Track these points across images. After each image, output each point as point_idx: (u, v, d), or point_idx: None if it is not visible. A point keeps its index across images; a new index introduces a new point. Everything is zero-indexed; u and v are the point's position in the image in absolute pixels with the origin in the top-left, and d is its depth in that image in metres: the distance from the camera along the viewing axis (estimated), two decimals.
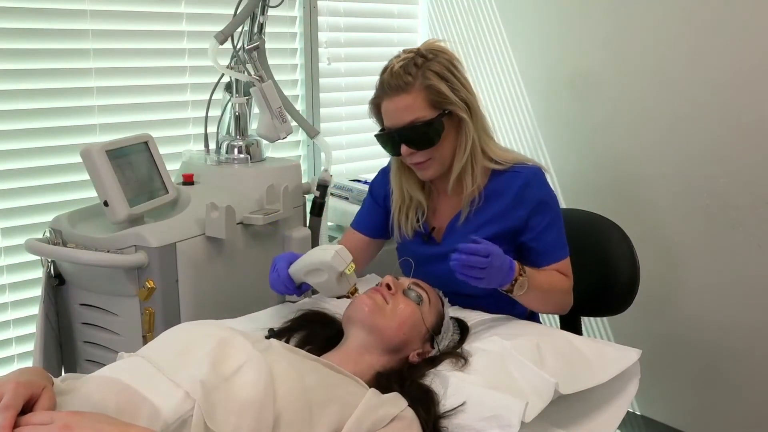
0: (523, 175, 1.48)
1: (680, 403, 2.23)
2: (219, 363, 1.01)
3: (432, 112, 1.40)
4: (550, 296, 1.45)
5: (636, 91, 2.18)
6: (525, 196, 1.47)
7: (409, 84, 1.39)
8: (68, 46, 1.96)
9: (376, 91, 1.46)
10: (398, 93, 1.40)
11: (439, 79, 1.40)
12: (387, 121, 1.45)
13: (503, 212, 1.48)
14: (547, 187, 1.50)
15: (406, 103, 1.40)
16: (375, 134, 1.50)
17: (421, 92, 1.39)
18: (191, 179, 1.85)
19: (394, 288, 1.32)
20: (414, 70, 1.39)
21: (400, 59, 1.42)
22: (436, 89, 1.39)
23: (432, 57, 1.42)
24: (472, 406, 1.12)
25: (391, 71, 1.41)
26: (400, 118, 1.41)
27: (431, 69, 1.40)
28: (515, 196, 1.47)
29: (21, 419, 0.83)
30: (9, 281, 1.92)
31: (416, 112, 1.40)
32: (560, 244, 1.49)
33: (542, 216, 1.47)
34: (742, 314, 2.03)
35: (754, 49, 1.90)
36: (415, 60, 1.41)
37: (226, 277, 1.73)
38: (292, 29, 2.44)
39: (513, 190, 1.47)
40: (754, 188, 1.95)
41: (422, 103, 1.39)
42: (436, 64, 1.41)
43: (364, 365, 1.22)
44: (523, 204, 1.47)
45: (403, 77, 1.39)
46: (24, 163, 1.91)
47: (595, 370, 1.27)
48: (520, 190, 1.47)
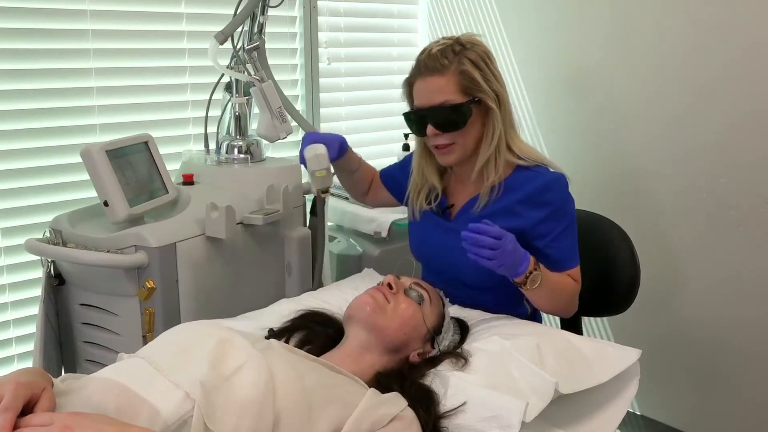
0: (544, 177, 1.47)
1: (680, 403, 2.23)
2: (219, 363, 1.01)
3: (462, 97, 1.43)
4: (559, 297, 1.46)
5: (636, 90, 2.18)
6: (543, 199, 1.46)
7: (444, 66, 1.42)
8: (68, 46, 1.96)
9: (412, 71, 1.50)
10: (432, 74, 1.43)
11: (473, 67, 1.43)
12: (417, 100, 1.48)
13: (514, 207, 1.47)
14: (567, 194, 1.50)
15: (439, 85, 1.42)
16: (403, 113, 1.53)
17: (455, 76, 1.42)
18: (191, 179, 1.85)
19: (396, 287, 1.32)
20: (451, 55, 1.43)
21: (439, 44, 1.46)
22: (470, 75, 1.42)
23: (470, 47, 1.45)
24: (472, 407, 1.12)
25: (429, 53, 1.45)
26: (430, 99, 1.44)
27: (467, 57, 1.43)
28: (530, 196, 1.46)
29: (21, 420, 0.83)
30: (9, 281, 1.92)
31: (447, 95, 1.42)
32: (573, 252, 1.50)
33: (558, 222, 1.46)
34: (742, 314, 2.03)
35: (754, 48, 1.90)
36: (454, 47, 1.44)
37: (226, 277, 1.73)
38: (292, 29, 2.44)
39: (529, 189, 1.47)
40: (754, 188, 1.95)
41: (454, 86, 1.42)
42: (473, 53, 1.44)
43: (364, 365, 1.22)
44: (540, 207, 1.46)
45: (440, 60, 1.42)
46: (24, 163, 1.91)
47: (595, 370, 1.27)
48: (538, 192, 1.46)
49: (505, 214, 1.47)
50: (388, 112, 2.79)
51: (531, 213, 1.46)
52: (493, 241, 1.28)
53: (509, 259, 1.31)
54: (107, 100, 2.04)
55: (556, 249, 1.46)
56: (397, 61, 2.83)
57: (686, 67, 2.05)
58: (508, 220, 1.45)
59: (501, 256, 1.29)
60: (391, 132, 2.78)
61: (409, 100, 1.53)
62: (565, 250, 1.48)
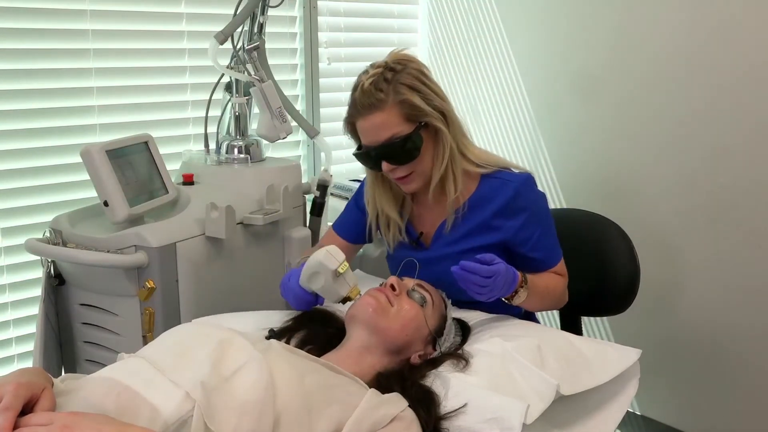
0: (513, 184, 1.46)
1: (680, 403, 2.23)
2: (219, 364, 1.01)
3: (408, 127, 1.38)
4: (547, 299, 1.47)
5: (636, 90, 2.18)
6: (517, 206, 1.45)
7: (381, 101, 1.36)
8: (68, 46, 1.95)
9: (349, 110, 1.44)
10: (372, 111, 1.37)
11: (411, 92, 1.37)
12: (364, 139, 1.43)
13: (491, 220, 1.46)
14: (537, 193, 1.49)
15: (382, 120, 1.37)
16: (353, 153, 1.48)
17: (395, 107, 1.36)
18: (191, 179, 1.85)
19: (399, 289, 1.32)
20: (385, 86, 1.37)
21: (369, 75, 1.39)
22: (410, 103, 1.37)
23: (401, 68, 1.39)
24: (473, 408, 1.12)
25: (362, 89, 1.38)
26: (377, 136, 1.39)
27: (402, 82, 1.37)
28: (505, 206, 1.45)
29: (21, 420, 0.84)
30: (9, 281, 1.92)
31: (393, 128, 1.37)
32: (556, 248, 1.50)
33: (537, 225, 1.47)
34: (742, 314, 2.03)
35: (755, 49, 1.90)
36: (384, 74, 1.38)
37: (226, 277, 1.73)
38: (292, 29, 2.44)
39: (503, 199, 1.45)
40: (754, 188, 1.95)
41: (397, 118, 1.37)
42: (406, 76, 1.38)
43: (365, 365, 1.22)
44: (516, 215, 1.45)
45: (375, 94, 1.36)
46: (24, 163, 1.91)
47: (595, 370, 1.27)
48: (512, 201, 1.45)
49: (482, 230, 1.47)
50: None
51: (509, 223, 1.45)
52: (483, 279, 1.28)
53: (501, 291, 1.32)
54: (107, 100, 2.04)
55: (540, 250, 1.47)
56: None
57: (686, 67, 2.05)
58: (487, 236, 1.46)
59: (492, 291, 1.30)
60: None
61: (355, 138, 1.48)
62: (548, 248, 1.49)
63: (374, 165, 1.45)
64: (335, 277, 1.32)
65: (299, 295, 1.37)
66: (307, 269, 1.34)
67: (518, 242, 1.46)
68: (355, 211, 1.65)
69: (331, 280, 1.32)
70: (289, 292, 1.40)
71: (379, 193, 1.53)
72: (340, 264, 1.31)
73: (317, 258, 1.32)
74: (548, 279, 1.47)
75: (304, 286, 1.36)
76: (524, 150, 2.54)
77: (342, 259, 1.32)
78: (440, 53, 2.82)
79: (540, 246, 1.47)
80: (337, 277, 1.32)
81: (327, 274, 1.31)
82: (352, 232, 1.65)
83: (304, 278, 1.35)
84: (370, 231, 1.63)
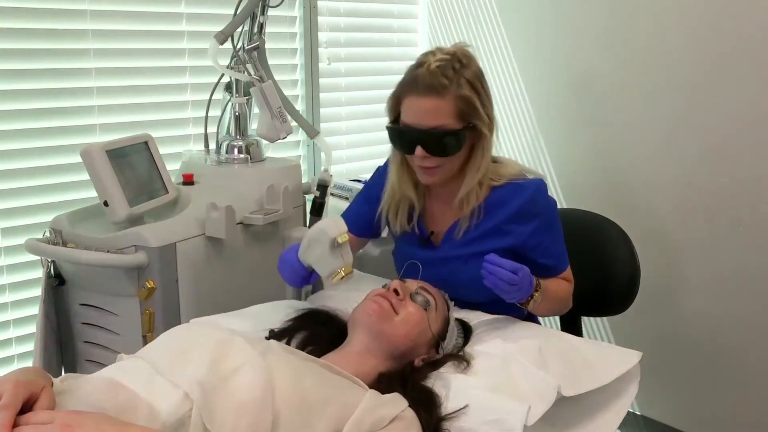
0: (529, 189, 1.45)
1: (680, 403, 2.23)
2: (218, 364, 1.01)
3: (458, 123, 1.36)
4: (556, 305, 1.49)
5: (636, 90, 2.18)
6: (530, 212, 1.44)
7: (444, 87, 1.33)
8: (68, 46, 1.96)
9: (406, 84, 1.39)
10: (431, 93, 1.34)
11: (472, 90, 1.35)
12: (408, 117, 1.38)
13: (504, 225, 1.45)
14: (549, 199, 1.49)
15: (436, 106, 1.34)
16: (389, 126, 1.44)
17: (453, 100, 1.34)
18: (191, 179, 1.85)
19: (403, 293, 1.31)
20: (451, 74, 1.34)
21: (437, 58, 1.35)
22: (468, 101, 1.35)
23: (466, 63, 1.37)
24: (474, 410, 1.12)
25: (429, 69, 1.34)
26: (424, 119, 1.36)
27: (466, 77, 1.35)
28: (519, 211, 1.44)
29: (20, 418, 0.83)
30: (9, 281, 1.92)
31: (443, 119, 1.35)
32: (564, 254, 1.51)
33: (548, 231, 1.46)
34: (742, 314, 2.03)
35: (754, 48, 1.90)
36: (453, 63, 1.35)
37: (226, 277, 1.73)
38: (292, 29, 2.44)
39: (516, 204, 1.44)
40: (754, 188, 1.95)
41: (451, 111, 1.34)
42: (469, 72, 1.36)
43: (366, 367, 1.22)
44: (529, 220, 1.44)
45: (440, 79, 1.33)
46: (24, 163, 1.91)
47: (596, 372, 1.27)
48: (526, 206, 1.44)
49: (494, 234, 1.46)
50: None
51: (521, 228, 1.45)
52: (511, 276, 1.29)
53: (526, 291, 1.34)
54: (107, 100, 2.04)
55: (549, 257, 1.47)
56: (397, 61, 2.82)
57: (687, 67, 2.05)
58: (499, 240, 1.45)
59: (520, 290, 1.33)
60: None
61: (393, 112, 1.44)
62: (557, 255, 1.49)
63: (407, 146, 1.41)
64: (332, 247, 1.30)
65: (295, 267, 1.37)
66: (306, 237, 1.34)
67: (529, 248, 1.45)
68: (364, 204, 1.64)
69: (328, 249, 1.30)
70: (286, 264, 1.40)
71: (404, 174, 1.50)
72: (340, 234, 1.30)
73: (319, 225, 1.31)
74: (557, 285, 1.47)
75: (302, 259, 1.36)
76: (524, 150, 2.54)
77: (344, 230, 1.31)
78: None
79: (550, 252, 1.47)
80: (334, 248, 1.30)
81: (324, 243, 1.30)
82: (359, 225, 1.63)
83: (303, 247, 1.35)
84: (377, 224, 1.61)
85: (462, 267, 1.47)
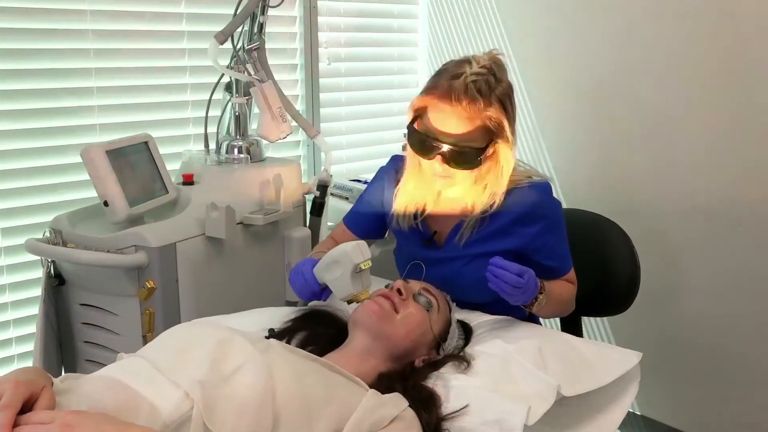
0: (536, 192, 1.44)
1: (680, 403, 2.23)
2: (218, 363, 1.01)
3: (483, 142, 1.35)
4: (560, 306, 1.49)
5: (636, 90, 2.18)
6: (536, 214, 1.44)
7: (476, 102, 1.31)
8: (68, 46, 1.95)
9: (439, 91, 1.34)
10: (462, 107, 1.31)
11: (501, 111, 1.34)
12: (434, 122, 1.35)
13: (509, 227, 1.45)
14: (555, 201, 1.49)
15: (463, 121, 1.33)
16: (408, 125, 1.40)
17: (481, 118, 1.33)
18: (191, 179, 1.85)
19: (405, 294, 1.31)
20: (485, 90, 1.32)
21: (474, 72, 1.32)
22: (497, 122, 1.34)
23: (500, 78, 1.36)
24: (474, 409, 1.12)
25: (465, 80, 1.31)
26: (450, 129, 1.34)
27: (497, 94, 1.34)
28: (525, 213, 1.44)
29: (21, 418, 0.83)
30: (9, 281, 1.92)
31: (469, 134, 1.33)
32: (568, 256, 1.50)
33: (553, 233, 1.46)
34: (742, 314, 2.03)
35: (756, 48, 1.90)
36: (488, 78, 1.33)
37: (226, 277, 1.73)
38: (292, 29, 2.44)
39: (522, 206, 1.44)
40: (754, 188, 1.95)
41: (478, 128, 1.33)
42: (501, 89, 1.35)
43: (367, 367, 1.22)
44: (535, 222, 1.44)
45: (473, 94, 1.31)
46: (24, 163, 1.91)
47: (596, 372, 1.27)
48: (532, 208, 1.43)
49: (499, 235, 1.46)
50: (388, 112, 2.79)
51: (526, 229, 1.44)
52: (516, 279, 1.29)
53: (531, 294, 1.34)
54: (107, 100, 2.04)
55: (554, 258, 1.47)
56: (397, 61, 2.83)
57: (686, 67, 2.05)
58: (503, 242, 1.45)
59: (525, 293, 1.32)
60: (390, 132, 2.78)
61: (417, 111, 1.40)
62: (562, 257, 1.49)
63: (426, 151, 1.38)
64: (354, 272, 1.28)
65: (309, 281, 1.34)
66: (328, 257, 1.31)
67: (533, 249, 1.45)
68: (368, 205, 1.63)
69: (349, 273, 1.28)
70: (299, 277, 1.36)
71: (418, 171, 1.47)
72: (365, 260, 1.28)
73: (344, 248, 1.29)
74: (561, 287, 1.47)
75: (318, 275, 1.34)
76: (525, 150, 2.54)
77: (368, 256, 1.29)
78: (440, 53, 2.82)
79: (554, 254, 1.47)
80: (355, 273, 1.28)
81: (348, 267, 1.28)
82: (363, 227, 1.63)
83: (322, 265, 1.32)
84: (381, 225, 1.61)
85: (465, 268, 1.47)
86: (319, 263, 1.34)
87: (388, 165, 1.62)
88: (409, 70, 2.88)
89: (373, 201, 1.61)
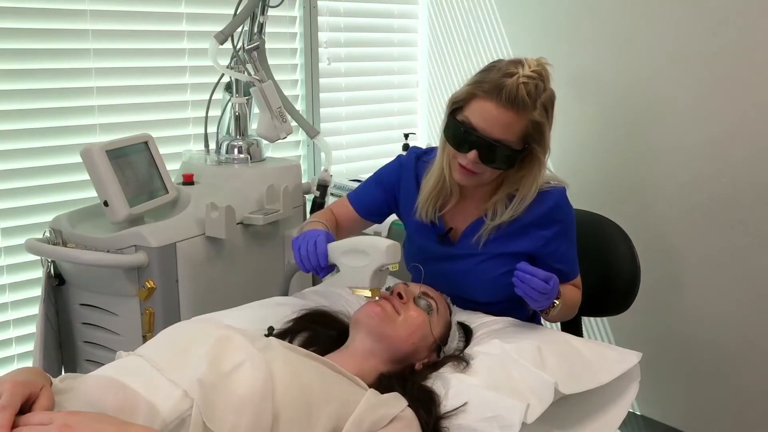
0: (553, 197, 1.45)
1: (680, 403, 2.23)
2: (217, 361, 1.01)
3: (520, 144, 1.36)
4: (568, 311, 1.49)
5: (636, 90, 2.18)
6: (552, 218, 1.45)
7: (523, 106, 1.32)
8: (68, 46, 1.96)
9: (489, 87, 1.34)
10: (510, 108, 1.32)
11: (544, 116, 1.36)
12: (476, 119, 1.35)
13: (525, 229, 1.46)
14: (570, 207, 1.50)
15: (508, 122, 1.33)
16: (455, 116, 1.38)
17: (525, 122, 1.34)
18: (191, 179, 1.85)
19: (406, 297, 1.31)
20: (533, 94, 1.34)
21: (525, 74, 1.34)
22: (539, 127, 1.36)
23: (546, 84, 1.37)
24: (473, 407, 1.12)
25: (518, 80, 1.32)
26: (491, 128, 1.34)
27: (542, 100, 1.35)
28: (542, 217, 1.45)
29: (20, 419, 0.83)
30: (9, 281, 1.92)
31: (509, 135, 1.34)
32: (576, 261, 1.51)
33: (565, 238, 1.47)
34: (742, 314, 2.03)
35: (755, 48, 1.90)
36: (538, 83, 1.35)
37: (226, 277, 1.73)
38: (292, 29, 2.44)
39: (540, 209, 1.45)
40: (754, 188, 1.95)
41: (519, 131, 1.35)
42: (546, 96, 1.37)
43: (367, 368, 1.22)
44: (549, 225, 1.45)
45: (522, 97, 1.32)
46: (24, 163, 1.91)
47: (595, 371, 1.27)
48: (548, 212, 1.45)
49: (513, 236, 1.46)
50: (388, 112, 2.79)
51: (540, 232, 1.45)
52: (543, 285, 1.30)
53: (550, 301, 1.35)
54: (107, 100, 2.04)
55: (564, 263, 1.48)
56: (397, 61, 2.83)
57: (687, 67, 2.05)
58: (517, 243, 1.46)
59: (550, 298, 1.33)
60: (391, 132, 2.78)
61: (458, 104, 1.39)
62: (572, 261, 1.50)
63: (463, 145, 1.37)
64: (377, 270, 1.25)
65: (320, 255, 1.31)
66: (355, 243, 1.28)
67: (546, 253, 1.46)
68: (375, 187, 1.62)
69: (373, 269, 1.24)
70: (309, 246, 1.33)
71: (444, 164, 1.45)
72: (394, 264, 1.25)
73: (376, 242, 1.25)
74: (572, 292, 1.49)
75: (332, 254, 1.31)
76: None
77: (398, 260, 1.27)
78: (440, 53, 2.82)
79: (565, 259, 1.48)
80: (378, 272, 1.25)
81: (375, 262, 1.24)
82: (368, 208, 1.62)
83: (344, 247, 1.28)
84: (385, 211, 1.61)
85: (478, 267, 1.47)
86: (340, 243, 1.30)
87: (409, 156, 1.59)
88: (409, 70, 2.89)
89: (386, 185, 1.60)
